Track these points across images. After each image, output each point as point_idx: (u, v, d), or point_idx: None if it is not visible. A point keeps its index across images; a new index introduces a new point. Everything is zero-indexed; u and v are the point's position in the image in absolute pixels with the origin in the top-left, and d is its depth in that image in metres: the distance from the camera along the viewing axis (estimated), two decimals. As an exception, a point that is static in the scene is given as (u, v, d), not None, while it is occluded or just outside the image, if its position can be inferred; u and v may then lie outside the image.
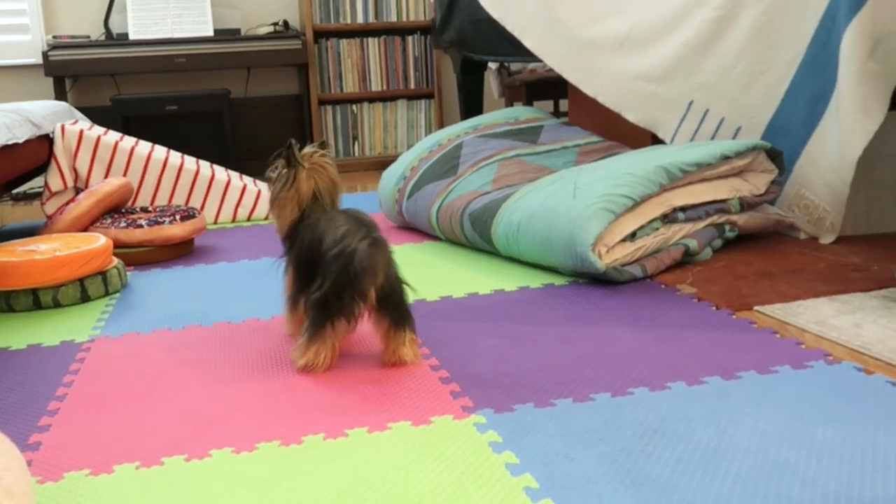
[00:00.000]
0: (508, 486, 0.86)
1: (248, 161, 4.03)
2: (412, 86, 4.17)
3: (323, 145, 1.32)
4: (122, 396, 1.18)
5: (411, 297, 1.25)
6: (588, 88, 2.43)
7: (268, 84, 4.13)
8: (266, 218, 2.68)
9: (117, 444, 1.02)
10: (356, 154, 4.15)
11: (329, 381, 1.20)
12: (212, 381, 1.22)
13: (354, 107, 4.13)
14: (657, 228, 1.75)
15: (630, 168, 1.76)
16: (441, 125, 4.16)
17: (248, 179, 2.77)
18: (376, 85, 4.13)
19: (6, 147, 2.06)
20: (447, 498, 0.84)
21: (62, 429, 1.08)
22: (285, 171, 1.28)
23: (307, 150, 1.30)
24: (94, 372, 1.29)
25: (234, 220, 2.66)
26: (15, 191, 3.54)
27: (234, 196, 2.64)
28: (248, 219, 2.67)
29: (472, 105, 3.38)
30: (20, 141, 2.13)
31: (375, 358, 1.27)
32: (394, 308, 1.20)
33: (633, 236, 1.72)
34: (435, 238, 2.18)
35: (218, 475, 0.92)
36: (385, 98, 4.15)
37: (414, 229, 2.29)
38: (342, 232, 1.20)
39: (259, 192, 2.68)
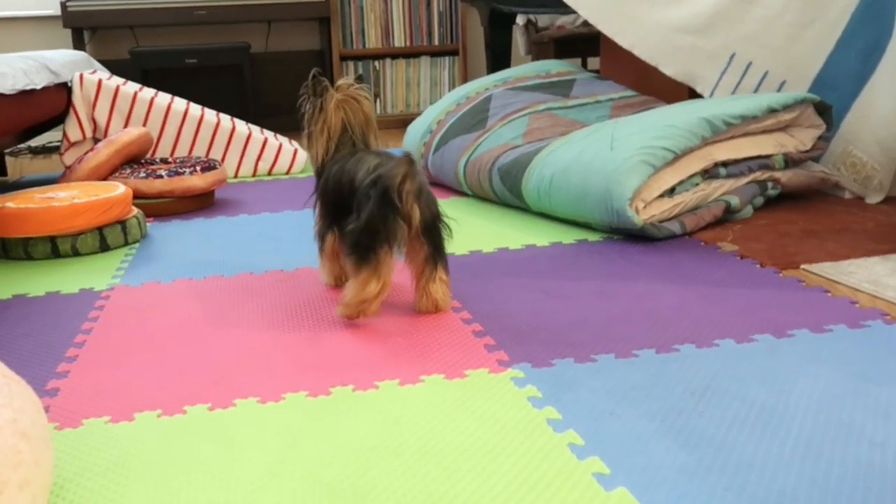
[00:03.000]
0: (552, 442, 0.80)
1: (267, 117, 3.96)
2: (436, 42, 4.07)
3: (360, 79, 1.25)
4: (142, 344, 1.14)
5: (447, 240, 1.19)
6: (624, 41, 2.33)
7: (289, 38, 4.05)
8: (287, 172, 2.62)
9: (138, 392, 0.97)
10: (378, 112, 4.06)
11: (356, 333, 1.14)
12: (235, 331, 1.17)
13: (377, 63, 4.03)
14: (697, 184, 1.67)
15: (671, 120, 1.68)
16: (465, 83, 4.06)
17: (269, 133, 2.70)
18: (399, 41, 4.03)
19: (24, 93, 2.01)
20: (487, 454, 0.79)
21: (80, 376, 1.04)
22: (311, 101, 1.22)
23: (341, 81, 1.24)
24: (114, 320, 1.25)
25: (254, 174, 2.61)
26: (34, 144, 3.50)
27: (255, 149, 2.58)
28: (269, 173, 2.62)
29: (499, 61, 3.28)
30: (38, 87, 2.07)
31: (404, 309, 1.22)
32: (432, 240, 1.15)
33: (671, 192, 1.64)
34: (461, 193, 2.11)
35: (243, 424, 0.87)
36: (408, 54, 4.05)
37: (440, 184, 2.23)
38: (374, 164, 1.16)
39: (280, 146, 2.62)
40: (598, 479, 0.73)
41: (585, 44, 3.22)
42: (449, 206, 1.97)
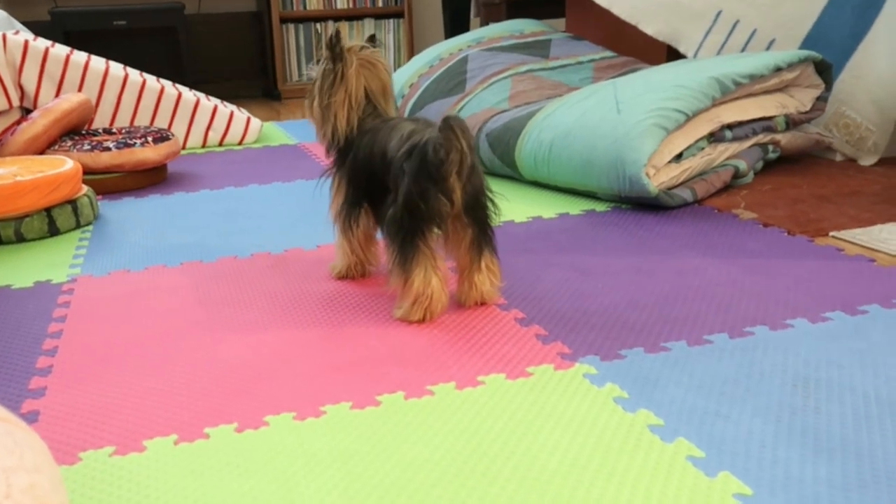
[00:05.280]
0: (666, 455, 0.69)
1: (204, 84, 3.70)
2: (380, 3, 3.86)
3: (373, 40, 1.09)
4: (128, 348, 0.96)
5: (496, 217, 1.04)
6: (602, -2, 2.22)
7: (223, -1, 3.77)
8: (240, 143, 2.41)
9: (139, 412, 0.81)
10: (322, 77, 3.84)
11: (381, 327, 1.00)
12: (237, 329, 1.01)
13: (318, 25, 3.80)
14: (703, 148, 1.58)
15: (679, 80, 1.57)
16: (411, 47, 3.88)
17: (216, 100, 2.48)
18: (342, 1, 3.81)
19: (-60, 56, 1.74)
20: (598, 475, 0.66)
21: (61, 393, 0.86)
22: (330, 66, 1.05)
23: (353, 44, 1.07)
24: (86, 319, 1.06)
25: (204, 145, 2.39)
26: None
27: (205, 118, 2.36)
28: (220, 144, 2.40)
29: (457, 23, 3.11)
30: (-44, 49, 1.81)
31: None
32: (476, 219, 0.99)
33: (678, 157, 1.54)
34: (441, 162, 1.96)
35: (283, 449, 0.72)
36: (351, 17, 3.84)
37: (414, 153, 2.07)
38: (408, 131, 1.00)
39: (232, 114, 2.40)
40: (743, 503, 0.62)
41: (538, 5, 3.07)
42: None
